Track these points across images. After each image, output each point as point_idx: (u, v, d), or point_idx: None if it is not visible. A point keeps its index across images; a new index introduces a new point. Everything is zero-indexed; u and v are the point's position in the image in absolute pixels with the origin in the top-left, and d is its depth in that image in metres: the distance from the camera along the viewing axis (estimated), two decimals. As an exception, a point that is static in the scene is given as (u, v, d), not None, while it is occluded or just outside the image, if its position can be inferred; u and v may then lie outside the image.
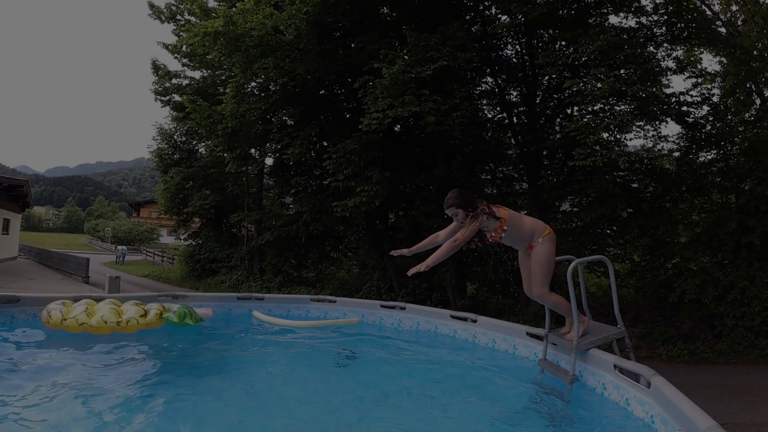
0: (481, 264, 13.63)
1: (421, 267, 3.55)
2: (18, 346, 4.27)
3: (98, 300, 4.93)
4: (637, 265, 12.15)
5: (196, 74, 18.85)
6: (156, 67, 19.69)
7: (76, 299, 4.93)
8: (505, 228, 3.59)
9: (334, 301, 6.18)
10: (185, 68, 19.18)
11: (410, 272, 3.63)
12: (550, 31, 11.35)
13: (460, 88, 10.30)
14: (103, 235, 61.84)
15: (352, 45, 12.46)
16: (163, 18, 17.93)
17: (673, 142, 12.01)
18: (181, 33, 17.27)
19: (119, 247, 37.49)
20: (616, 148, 9.55)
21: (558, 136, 11.50)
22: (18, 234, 28.50)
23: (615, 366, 3.51)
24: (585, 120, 9.26)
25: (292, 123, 14.01)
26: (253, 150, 15.54)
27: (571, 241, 11.44)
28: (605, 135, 9.54)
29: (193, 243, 22.75)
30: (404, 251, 4.01)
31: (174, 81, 19.60)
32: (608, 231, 12.19)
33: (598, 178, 10.47)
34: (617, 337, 3.99)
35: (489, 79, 13.16)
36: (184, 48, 17.13)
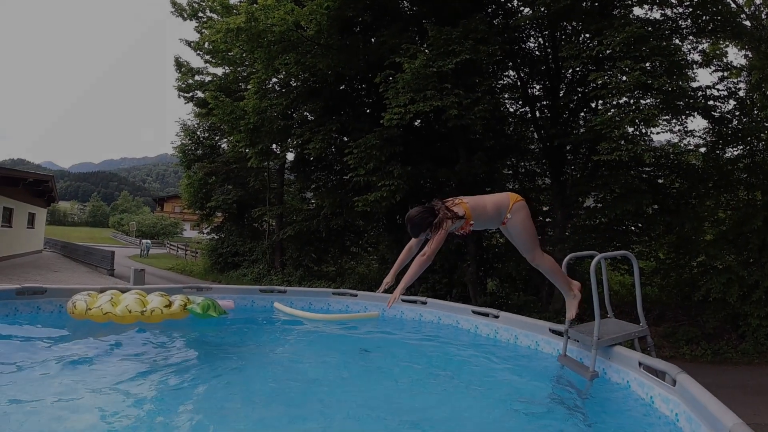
0: (502, 260, 13.55)
1: (396, 295, 3.46)
2: (43, 337, 4.38)
3: (123, 291, 5.03)
4: (662, 262, 11.95)
5: (219, 71, 19.05)
6: (179, 64, 19.94)
7: (101, 291, 5.03)
8: (471, 223, 3.48)
9: (356, 295, 6.21)
10: (207, 65, 19.39)
11: (389, 305, 3.58)
12: (574, 24, 11.19)
13: (483, 82, 10.22)
14: (127, 229, 63.15)
15: (372, 40, 12.47)
16: (185, 15, 18.13)
17: (700, 137, 11.75)
18: (203, 30, 17.47)
19: (143, 241, 38.20)
20: (641, 143, 9.40)
21: (582, 130, 11.35)
22: (43, 228, 29.11)
23: (640, 363, 3.47)
24: (610, 113, 9.13)
25: (313, 118, 14.10)
26: (274, 145, 15.69)
27: (595, 237, 11.31)
28: (630, 129, 9.40)
29: (216, 237, 23.08)
30: (387, 280, 3.85)
31: (197, 78, 19.81)
32: (632, 228, 12.00)
33: (623, 174, 10.31)
34: (639, 336, 3.92)
35: (511, 72, 13.06)
36: (206, 45, 17.32)
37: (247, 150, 15.49)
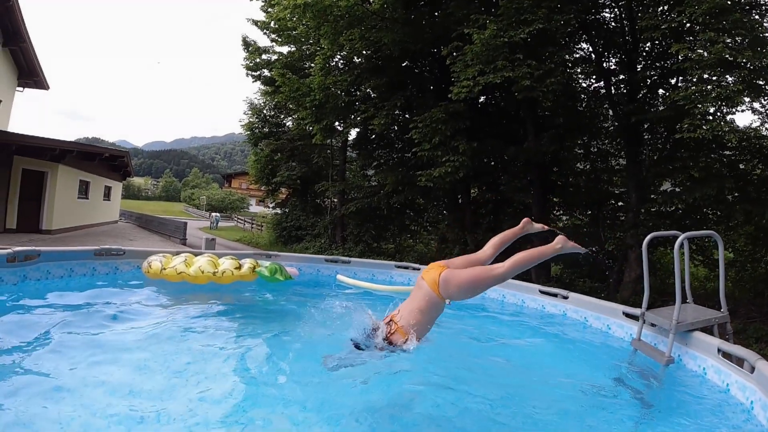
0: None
1: None
2: (120, 295, 4.69)
3: (197, 255, 5.28)
4: (739, 254, 11.16)
5: (284, 49, 19.34)
6: (246, 44, 20.39)
7: (176, 254, 5.31)
8: (413, 330, 2.98)
9: (418, 269, 6.21)
10: (274, 44, 19.71)
11: None
12: (651, -7, 10.39)
13: (555, 53, 9.75)
14: (198, 203, 66.47)
15: (437, 13, 12.17)
16: (251, -6, 18.40)
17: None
18: (268, 9, 17.78)
19: (213, 214, 40.21)
20: (722, 124, 8.72)
21: (661, 107, 10.65)
22: (119, 200, 30.92)
23: (719, 350, 3.36)
24: (693, 88, 8.48)
25: (376, 95, 14.05)
26: (337, 123, 15.82)
27: (670, 224, 10.67)
28: (712, 109, 8.74)
29: (281, 211, 23.78)
30: None
31: (264, 57, 20.20)
32: (710, 215, 11.20)
33: (704, 156, 9.60)
34: (719, 322, 3.79)
35: (584, 45, 12.35)
36: (272, 24, 17.66)
37: (311, 127, 15.71)
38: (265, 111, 23.10)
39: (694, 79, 8.80)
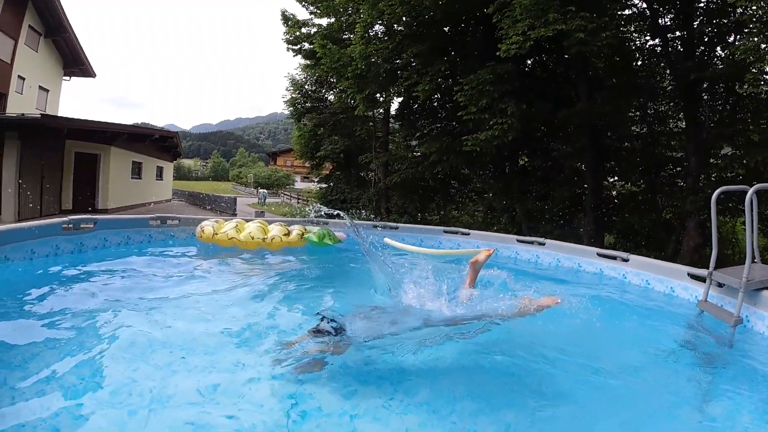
0: (622, 212, 12.57)
1: None
2: (175, 260, 4.84)
3: (248, 222, 5.42)
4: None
5: (323, 21, 19.23)
6: (285, 18, 20.38)
7: (227, 220, 5.47)
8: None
9: (468, 234, 6.12)
10: (312, 16, 19.64)
11: None
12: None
13: (609, 6, 9.23)
14: (246, 181, 68.28)
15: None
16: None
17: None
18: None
19: (261, 191, 41.35)
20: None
21: (720, 66, 9.96)
22: (171, 180, 32.15)
23: None
24: (754, 41, 7.86)
25: (418, 62, 13.73)
26: (378, 94, 15.62)
27: (731, 192, 10.04)
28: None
29: (325, 186, 24.04)
30: None
31: (303, 30, 20.18)
32: (768, 179, 10.51)
33: (764, 118, 9.20)
34: None
35: (636, 1, 11.58)
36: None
37: (353, 99, 15.59)
38: (306, 86, 23.16)
39: (753, 39, 8.19)
